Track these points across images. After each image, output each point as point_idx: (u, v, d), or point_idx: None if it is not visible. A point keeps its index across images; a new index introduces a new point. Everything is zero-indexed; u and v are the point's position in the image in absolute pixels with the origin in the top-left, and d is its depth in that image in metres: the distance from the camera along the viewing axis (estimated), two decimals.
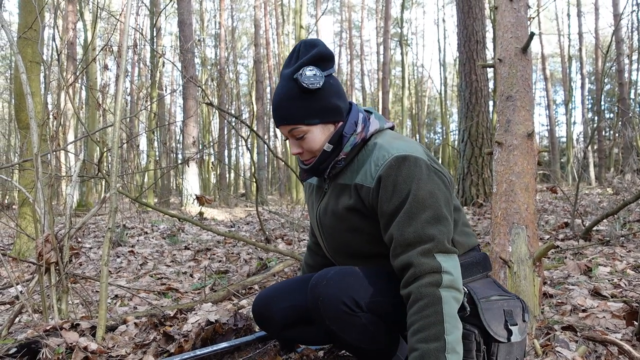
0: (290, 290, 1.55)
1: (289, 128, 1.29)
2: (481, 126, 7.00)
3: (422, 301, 1.12)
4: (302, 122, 1.28)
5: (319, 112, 1.28)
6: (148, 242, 5.41)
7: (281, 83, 1.30)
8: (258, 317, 1.59)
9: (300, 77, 1.23)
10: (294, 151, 1.33)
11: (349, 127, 1.31)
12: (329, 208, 1.37)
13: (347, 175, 1.33)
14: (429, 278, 1.13)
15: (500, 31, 2.35)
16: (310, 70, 1.25)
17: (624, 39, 15.29)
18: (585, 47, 21.39)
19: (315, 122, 1.29)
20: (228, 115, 8.22)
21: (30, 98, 2.21)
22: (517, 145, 2.09)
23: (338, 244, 1.40)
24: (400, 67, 21.17)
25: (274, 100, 1.31)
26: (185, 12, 10.91)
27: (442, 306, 1.11)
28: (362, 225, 1.31)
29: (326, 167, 1.33)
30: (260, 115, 16.83)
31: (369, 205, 1.27)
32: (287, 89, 1.27)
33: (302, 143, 1.31)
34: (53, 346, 1.65)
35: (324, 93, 1.28)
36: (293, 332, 1.55)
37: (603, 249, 3.45)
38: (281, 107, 1.28)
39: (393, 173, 1.21)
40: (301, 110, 1.27)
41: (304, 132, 1.29)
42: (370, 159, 1.28)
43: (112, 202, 1.91)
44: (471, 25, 7.05)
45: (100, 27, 16.75)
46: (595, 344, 1.68)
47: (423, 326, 1.10)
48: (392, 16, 18.14)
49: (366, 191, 1.26)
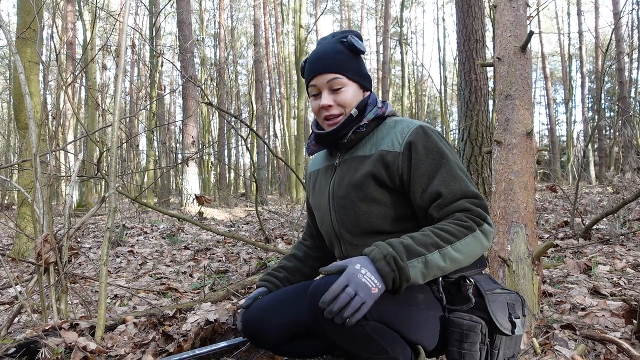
0: (284, 306, 1.47)
1: (331, 77, 1.33)
2: (481, 125, 7.00)
3: (458, 222, 1.17)
4: (345, 73, 1.34)
5: (360, 73, 1.37)
6: (147, 242, 5.41)
7: (324, 45, 1.38)
8: (249, 337, 1.49)
9: (350, 39, 1.35)
10: (326, 102, 1.34)
11: (373, 100, 1.40)
12: (345, 179, 1.37)
13: (367, 147, 1.37)
14: (477, 216, 1.19)
15: (500, 30, 2.35)
16: (356, 39, 1.37)
17: (624, 38, 15.28)
18: (585, 46, 21.38)
19: (356, 79, 1.36)
20: (227, 115, 8.22)
21: (29, 98, 2.20)
22: (516, 144, 2.09)
23: (348, 218, 1.36)
24: (399, 66, 21.17)
25: (318, 52, 1.38)
26: (185, 12, 10.90)
27: (470, 237, 1.16)
28: (378, 195, 1.30)
29: (347, 132, 1.36)
30: (259, 115, 16.83)
31: (395, 171, 1.28)
32: (334, 46, 1.36)
33: (336, 97, 1.35)
34: (52, 346, 1.65)
35: (363, 61, 1.40)
36: (289, 348, 1.49)
37: (603, 247, 3.45)
38: (328, 57, 1.35)
39: (420, 138, 1.28)
40: (347, 65, 1.35)
41: (343, 85, 1.34)
42: (394, 130, 1.34)
43: (111, 202, 1.91)
44: (470, 24, 7.04)
45: (99, 27, 16.73)
46: (594, 343, 1.68)
47: (441, 229, 1.16)
48: (391, 15, 18.13)
49: (393, 156, 1.29)
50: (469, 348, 1.18)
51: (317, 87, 1.35)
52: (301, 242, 1.74)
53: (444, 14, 22.40)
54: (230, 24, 23.50)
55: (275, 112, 24.04)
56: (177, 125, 17.31)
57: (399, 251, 1.09)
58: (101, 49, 4.01)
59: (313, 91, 1.38)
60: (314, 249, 1.68)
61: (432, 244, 1.12)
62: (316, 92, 1.37)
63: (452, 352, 1.22)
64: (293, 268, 1.66)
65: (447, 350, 1.24)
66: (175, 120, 17.65)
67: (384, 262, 1.06)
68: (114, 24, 12.67)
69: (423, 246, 1.12)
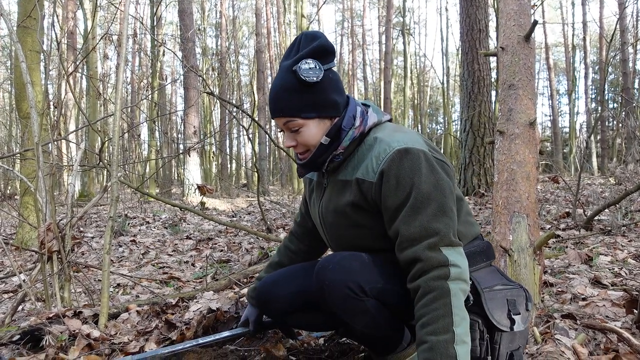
0: (295, 276, 1.55)
1: (285, 120, 1.27)
2: (483, 116, 6.97)
3: (430, 294, 1.13)
4: (298, 115, 1.26)
5: (317, 106, 1.26)
6: (150, 232, 5.43)
7: (279, 75, 1.28)
8: (262, 302, 1.58)
9: (299, 70, 1.21)
10: (288, 144, 1.32)
11: (347, 120, 1.30)
12: (330, 205, 1.37)
13: (348, 171, 1.32)
14: (437, 272, 1.14)
15: (503, 19, 2.33)
16: (310, 63, 1.22)
17: (629, 28, 15.15)
18: (590, 36, 21.19)
19: (312, 116, 1.26)
20: (229, 105, 8.20)
21: (31, 87, 2.20)
22: (518, 134, 2.08)
23: (342, 241, 1.40)
24: (402, 57, 21.02)
25: (271, 92, 1.29)
26: (186, 1, 10.83)
27: (451, 299, 1.11)
28: (365, 221, 1.30)
29: (323, 161, 1.32)
30: (261, 105, 16.78)
31: (371, 200, 1.26)
32: (285, 81, 1.25)
33: (297, 136, 1.29)
34: (56, 333, 1.67)
35: (322, 87, 1.25)
36: (296, 318, 1.55)
37: (604, 238, 3.45)
38: (278, 99, 1.26)
39: (395, 167, 1.20)
40: (298, 103, 1.25)
41: (300, 126, 1.27)
42: (371, 154, 1.27)
43: (113, 192, 1.91)
44: (474, 13, 6.98)
45: (100, 16, 16.64)
46: (595, 332, 1.69)
47: (432, 319, 1.11)
48: (394, 5, 17.98)
49: (368, 186, 1.25)
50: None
51: (279, 126, 1.32)
52: (294, 235, 1.76)
53: (447, 3, 22.29)
54: (231, 14, 23.34)
55: None
56: (179, 115, 17.29)
57: None
58: (102, 38, 3.99)
59: (278, 129, 1.36)
60: (308, 245, 1.71)
61: (448, 341, 1.09)
62: (281, 130, 1.34)
63: None
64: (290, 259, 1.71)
65: None
66: (176, 110, 17.61)
67: None
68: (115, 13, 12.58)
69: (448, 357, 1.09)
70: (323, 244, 1.64)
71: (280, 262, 1.71)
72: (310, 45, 1.25)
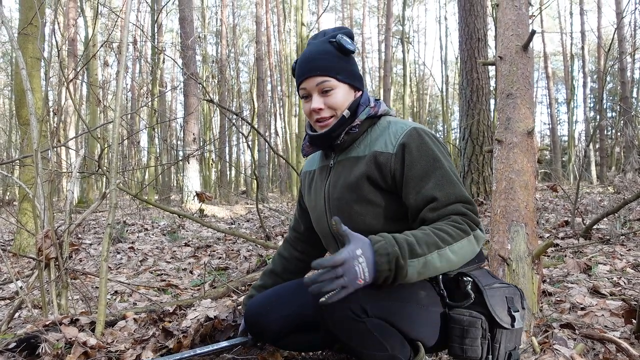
0: (285, 299, 1.52)
1: (320, 80, 1.31)
2: (482, 124, 6.99)
3: (455, 223, 1.17)
4: (335, 76, 1.32)
5: (350, 74, 1.35)
6: (148, 239, 5.42)
7: (313, 47, 1.36)
8: (252, 329, 1.57)
9: (340, 39, 1.33)
10: (317, 106, 1.33)
11: (365, 99, 1.38)
12: (339, 181, 1.37)
13: (361, 149, 1.36)
14: (472, 223, 1.19)
15: (501, 29, 2.35)
16: (346, 38, 1.35)
17: (627, 37, 15.25)
18: (588, 46, 21.30)
19: (346, 81, 1.34)
20: (229, 112, 8.22)
21: (31, 94, 2.20)
22: (517, 143, 2.08)
23: (343, 219, 1.35)
24: (401, 65, 21.11)
25: (306, 54, 1.36)
26: (187, 9, 10.89)
27: (465, 239, 1.16)
28: (372, 196, 1.30)
29: (340, 133, 1.36)
30: (261, 112, 16.83)
31: (386, 173, 1.28)
32: (322, 47, 1.34)
33: (326, 99, 1.33)
34: (52, 341, 1.66)
35: (354, 61, 1.37)
36: (289, 340, 1.54)
37: (603, 247, 3.44)
38: (317, 58, 1.33)
39: (415, 140, 1.27)
40: (337, 66, 1.33)
41: (333, 87, 1.32)
42: (387, 132, 1.33)
43: (111, 198, 1.91)
44: (472, 22, 7.02)
45: (100, 23, 16.72)
46: (594, 342, 1.68)
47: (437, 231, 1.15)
48: (393, 14, 18.09)
49: (386, 157, 1.28)
50: (470, 343, 1.19)
51: (307, 89, 1.34)
52: (288, 242, 1.74)
53: (446, 12, 22.36)
54: (232, 21, 23.47)
55: (276, 110, 24.02)
56: (179, 122, 17.31)
57: (402, 249, 1.08)
58: (103, 46, 4.01)
59: (303, 93, 1.37)
60: (301, 252, 1.70)
61: (432, 244, 1.12)
62: (306, 95, 1.35)
63: (454, 347, 1.24)
64: (281, 270, 1.71)
65: (449, 346, 1.25)
66: (176, 117, 17.64)
67: (385, 259, 1.06)
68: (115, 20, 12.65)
69: (425, 245, 1.11)
70: (316, 249, 1.63)
71: (274, 270, 1.71)
72: (340, 30, 1.39)
